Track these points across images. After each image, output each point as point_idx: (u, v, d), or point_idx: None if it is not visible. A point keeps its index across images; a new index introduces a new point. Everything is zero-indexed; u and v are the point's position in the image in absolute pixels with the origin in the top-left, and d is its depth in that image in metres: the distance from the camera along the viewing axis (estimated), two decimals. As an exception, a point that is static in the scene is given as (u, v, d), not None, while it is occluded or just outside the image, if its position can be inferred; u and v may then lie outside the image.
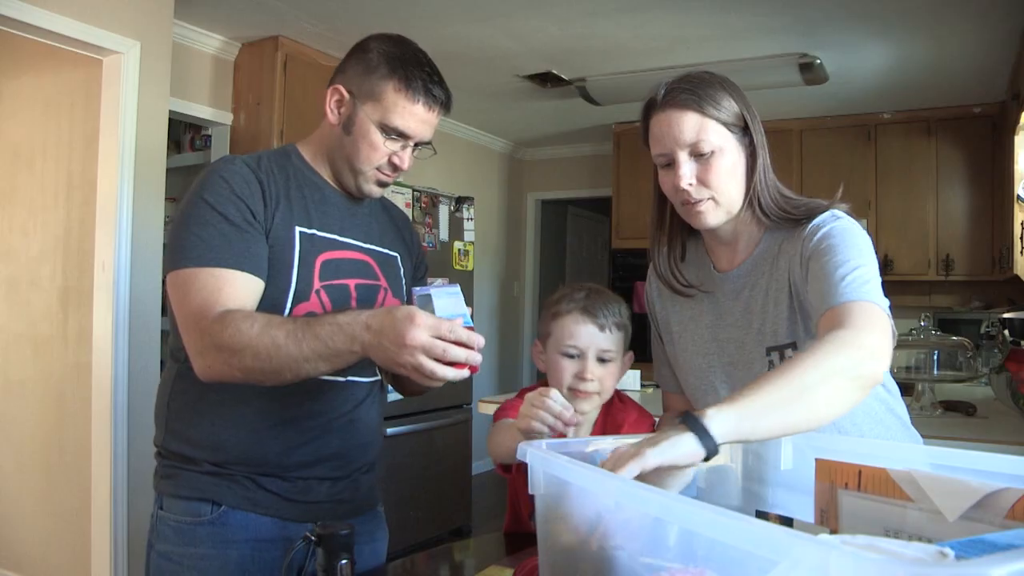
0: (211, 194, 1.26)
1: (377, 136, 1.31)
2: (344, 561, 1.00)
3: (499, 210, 6.49)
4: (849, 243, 1.15)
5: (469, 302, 1.10)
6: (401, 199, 4.12)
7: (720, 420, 0.87)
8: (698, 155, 1.20)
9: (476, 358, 1.10)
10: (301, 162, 1.39)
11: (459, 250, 4.61)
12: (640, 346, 1.53)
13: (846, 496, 0.92)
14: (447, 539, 4.21)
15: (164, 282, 1.42)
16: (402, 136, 1.32)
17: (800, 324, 1.24)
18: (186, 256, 1.23)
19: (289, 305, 1.29)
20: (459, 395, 4.51)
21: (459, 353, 1.08)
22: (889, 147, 5.03)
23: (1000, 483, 0.78)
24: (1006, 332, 3.70)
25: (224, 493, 1.28)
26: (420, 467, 4.14)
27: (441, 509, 4.33)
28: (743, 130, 1.23)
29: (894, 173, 5.00)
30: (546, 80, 4.61)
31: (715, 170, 1.20)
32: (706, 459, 0.87)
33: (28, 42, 2.88)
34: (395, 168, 1.35)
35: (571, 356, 1.38)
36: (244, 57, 4.04)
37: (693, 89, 1.21)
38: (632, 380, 3.30)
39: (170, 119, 3.36)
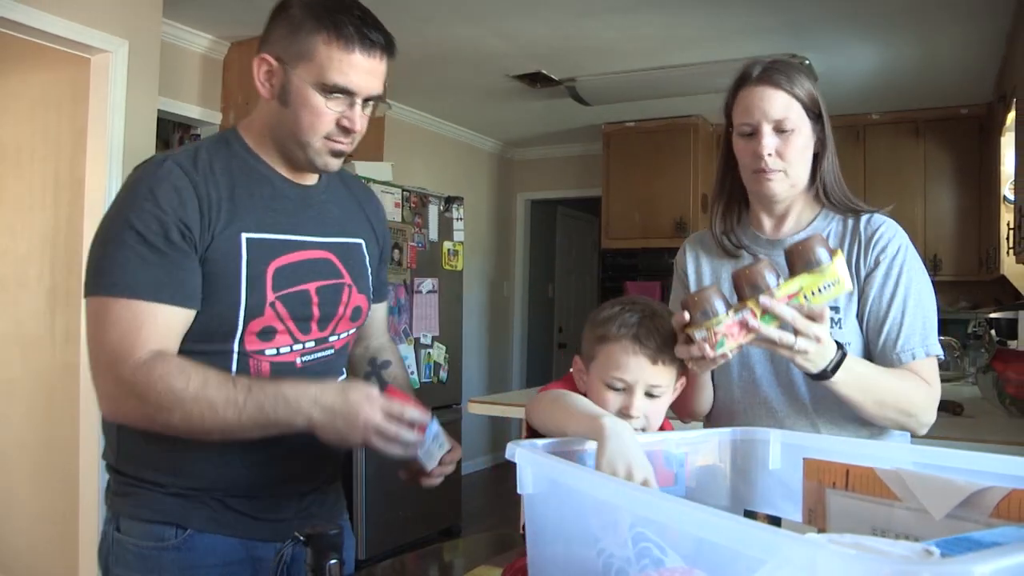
0: (133, 210, 1.12)
1: (317, 99, 1.16)
2: (333, 561, 1.00)
3: (489, 210, 6.49)
4: (926, 283, 1.40)
5: (458, 302, 1.10)
6: (390, 199, 4.11)
7: (852, 365, 1.19)
8: (780, 131, 1.34)
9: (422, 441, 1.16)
10: (244, 151, 1.25)
11: (448, 250, 4.60)
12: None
13: (834, 495, 0.92)
14: (436, 539, 4.21)
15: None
16: (345, 93, 1.17)
17: None
18: (100, 283, 1.11)
19: (242, 323, 1.18)
20: (449, 395, 4.51)
21: (410, 437, 1.13)
22: (877, 148, 5.06)
23: (986, 482, 0.79)
24: (992, 332, 3.73)
25: (190, 516, 1.19)
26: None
27: (431, 509, 4.32)
28: (817, 117, 1.38)
29: (882, 174, 5.02)
30: (536, 80, 4.60)
31: (792, 146, 1.34)
32: (815, 376, 1.17)
33: (16, 40, 2.86)
34: (346, 131, 1.20)
35: (616, 389, 1.19)
36: (233, 56, 4.02)
37: (786, 72, 1.35)
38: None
39: (159, 118, 3.34)
